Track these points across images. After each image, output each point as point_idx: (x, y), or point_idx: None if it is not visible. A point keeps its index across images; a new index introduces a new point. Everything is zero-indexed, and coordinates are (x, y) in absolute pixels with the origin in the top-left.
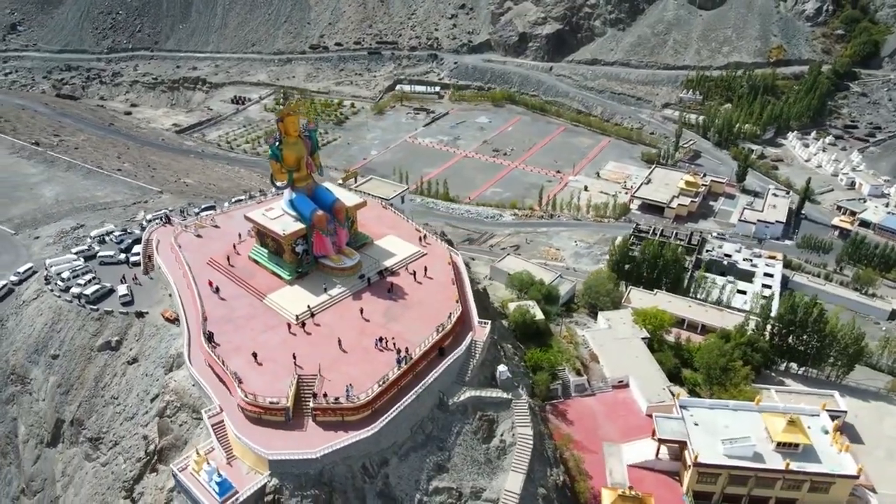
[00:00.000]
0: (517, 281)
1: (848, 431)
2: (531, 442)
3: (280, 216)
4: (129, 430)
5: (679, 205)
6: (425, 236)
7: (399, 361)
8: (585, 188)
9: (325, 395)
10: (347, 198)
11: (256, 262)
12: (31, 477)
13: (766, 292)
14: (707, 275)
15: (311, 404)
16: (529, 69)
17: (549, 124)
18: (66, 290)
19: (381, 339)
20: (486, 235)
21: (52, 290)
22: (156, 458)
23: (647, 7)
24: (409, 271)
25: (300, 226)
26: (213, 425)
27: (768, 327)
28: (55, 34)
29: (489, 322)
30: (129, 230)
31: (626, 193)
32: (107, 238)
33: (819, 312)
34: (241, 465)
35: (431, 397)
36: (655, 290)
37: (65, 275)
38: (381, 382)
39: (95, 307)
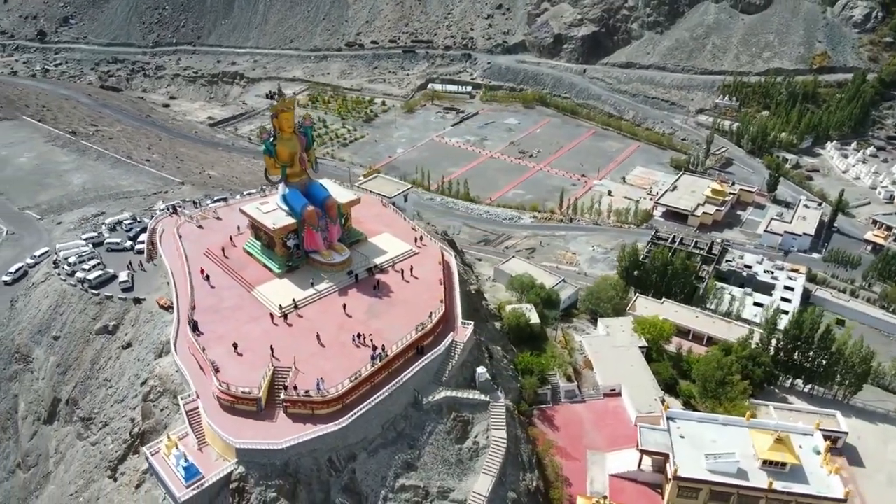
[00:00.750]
0: (517, 283)
1: (850, 454)
2: (505, 445)
3: (273, 210)
4: (119, 412)
5: (704, 213)
6: (422, 237)
7: (373, 358)
8: (609, 193)
9: (294, 388)
10: (341, 195)
11: (250, 254)
12: (27, 452)
13: (785, 306)
14: (725, 286)
15: (282, 396)
16: (563, 71)
17: (579, 127)
18: (72, 274)
19: (358, 335)
20: (503, 237)
21: (59, 274)
22: (138, 440)
23: (688, 10)
24: (395, 269)
25: (291, 220)
26: (187, 411)
27: (773, 341)
28: (104, 28)
29: (471, 323)
30: (138, 219)
31: (651, 199)
32: (117, 226)
33: (826, 328)
34: (211, 451)
35: (406, 395)
36: (663, 299)
37: (72, 260)
38: (352, 378)
39: (97, 292)
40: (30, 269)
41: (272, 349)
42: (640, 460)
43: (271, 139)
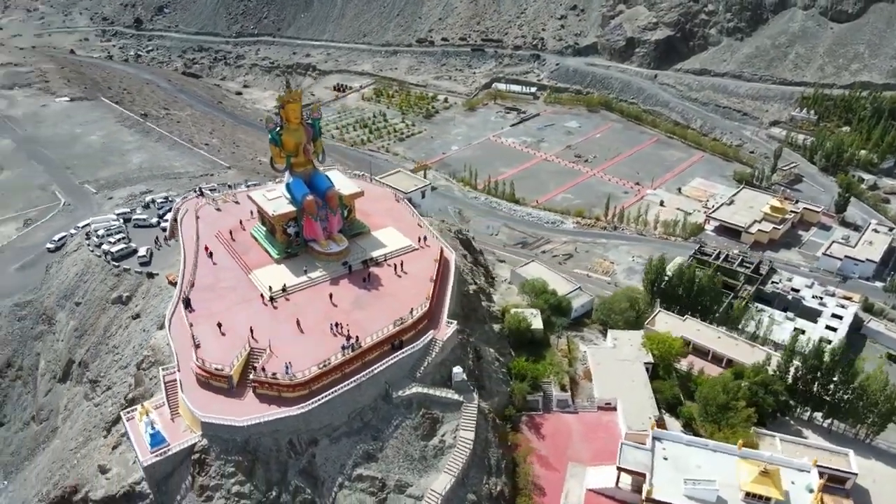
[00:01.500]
0: (528, 288)
1: (860, 496)
2: (471, 447)
3: (278, 198)
4: (121, 378)
5: (759, 230)
6: (425, 237)
7: (344, 348)
8: (661, 203)
9: (263, 370)
10: (345, 186)
11: (255, 238)
12: (41, 407)
13: (829, 335)
14: (765, 308)
15: (251, 376)
16: (632, 75)
17: (642, 134)
18: (100, 246)
19: (336, 325)
20: (541, 240)
21: (88, 245)
22: (128, 405)
23: (772, 17)
24: (389, 264)
25: (291, 208)
26: (166, 382)
27: (792, 369)
28: (194, 17)
29: (455, 322)
30: (170, 198)
31: (705, 213)
32: (151, 203)
33: (849, 361)
34: (182, 422)
35: (377, 387)
36: (686, 316)
37: (101, 232)
38: (321, 365)
39: (117, 264)
40: (71, 239)
41: (251, 330)
42: (619, 478)
43: (277, 129)
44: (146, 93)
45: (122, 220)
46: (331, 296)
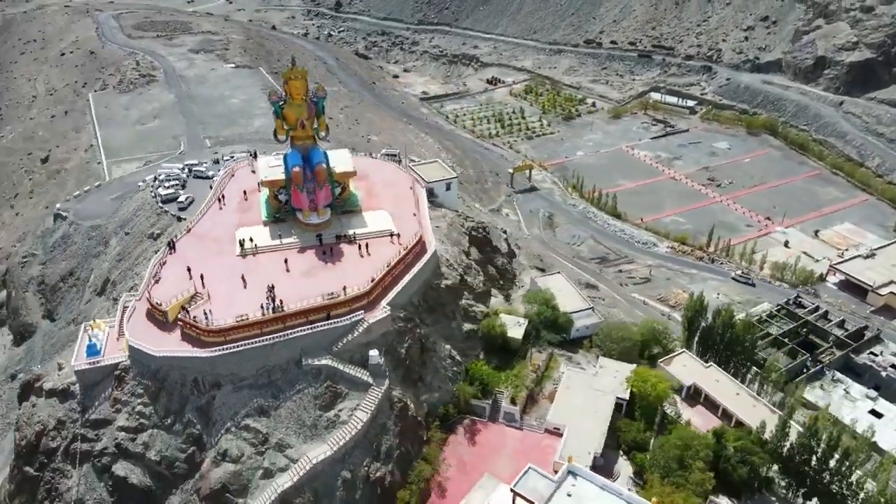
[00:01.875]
0: (530, 298)
1: None
2: (360, 427)
3: (278, 166)
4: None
5: (890, 293)
6: (399, 235)
7: (263, 307)
8: (786, 244)
9: (187, 312)
10: (340, 164)
11: (261, 201)
12: (80, 312)
13: None
14: (843, 379)
15: (179, 316)
16: (813, 99)
17: (801, 165)
18: (157, 189)
19: (271, 288)
20: (623, 260)
21: (150, 187)
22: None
23: None
24: (358, 243)
25: (281, 177)
26: (122, 307)
27: (787, 443)
28: (385, 3)
29: (388, 308)
30: (235, 158)
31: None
32: (220, 159)
33: (844, 452)
34: (122, 342)
35: (291, 351)
36: (709, 363)
37: (162, 178)
38: (238, 318)
39: (162, 206)
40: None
41: (202, 277)
42: (514, 500)
43: (281, 103)
44: (308, 68)
45: (186, 170)
46: (286, 261)
